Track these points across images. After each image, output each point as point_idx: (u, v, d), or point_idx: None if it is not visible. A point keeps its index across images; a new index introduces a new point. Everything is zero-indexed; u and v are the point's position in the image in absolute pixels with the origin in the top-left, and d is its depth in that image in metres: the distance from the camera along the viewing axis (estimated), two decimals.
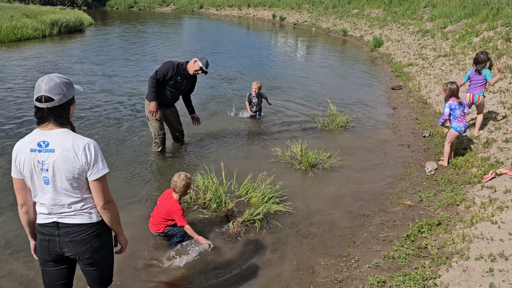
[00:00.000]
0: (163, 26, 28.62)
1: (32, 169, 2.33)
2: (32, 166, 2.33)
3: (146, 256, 4.06)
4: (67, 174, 2.32)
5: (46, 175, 2.33)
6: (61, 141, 2.32)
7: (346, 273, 3.84)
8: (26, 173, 2.36)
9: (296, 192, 5.41)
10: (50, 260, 2.50)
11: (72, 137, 2.35)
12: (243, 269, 3.92)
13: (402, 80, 11.44)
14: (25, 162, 2.33)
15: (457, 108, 5.72)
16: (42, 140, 2.32)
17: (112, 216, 2.51)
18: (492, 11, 12.62)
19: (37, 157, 2.31)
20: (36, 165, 2.32)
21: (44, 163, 2.31)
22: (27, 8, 26.64)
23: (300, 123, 8.10)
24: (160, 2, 46.89)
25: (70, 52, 15.81)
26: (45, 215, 2.43)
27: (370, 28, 21.33)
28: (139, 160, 6.21)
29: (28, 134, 2.40)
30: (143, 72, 12.34)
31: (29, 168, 2.33)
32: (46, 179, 2.34)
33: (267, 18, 34.58)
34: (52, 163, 2.30)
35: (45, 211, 2.42)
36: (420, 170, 6.00)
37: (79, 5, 44.56)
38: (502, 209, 4.29)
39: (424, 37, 15.06)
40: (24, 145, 2.35)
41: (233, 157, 6.47)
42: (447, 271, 3.56)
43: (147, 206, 4.91)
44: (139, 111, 8.44)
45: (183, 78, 6.12)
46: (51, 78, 2.32)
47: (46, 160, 2.30)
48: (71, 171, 2.32)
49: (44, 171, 2.32)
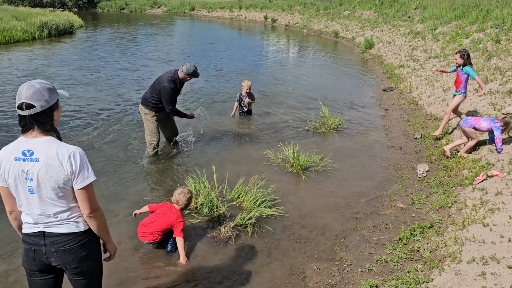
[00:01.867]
0: (155, 28, 28.49)
1: (16, 178, 2.28)
2: (17, 175, 2.27)
3: (137, 263, 4.00)
4: (52, 183, 2.27)
5: (31, 185, 2.27)
6: (45, 149, 2.26)
7: (339, 277, 3.82)
8: (11, 182, 2.30)
9: (288, 196, 5.39)
10: (37, 270, 2.44)
11: (57, 145, 2.29)
12: (235, 274, 3.88)
13: (393, 82, 11.48)
14: (10, 171, 2.27)
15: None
16: (27, 148, 2.26)
17: (99, 224, 2.46)
18: (482, 13, 12.72)
19: (22, 166, 2.26)
20: (20, 174, 2.27)
21: (29, 172, 2.25)
22: (16, 10, 26.40)
23: (292, 126, 8.08)
24: (151, 4, 46.76)
25: (59, 56, 15.66)
26: (31, 224, 2.37)
27: (361, 29, 21.41)
28: (130, 164, 6.15)
29: (13, 142, 2.34)
30: (133, 76, 12.26)
31: (13, 177, 2.28)
32: (30, 189, 2.28)
33: (258, 20, 34.61)
34: (37, 173, 2.24)
35: (31, 221, 2.36)
36: (412, 172, 6.01)
37: (69, 7, 44.25)
38: (494, 211, 4.29)
39: (415, 38, 15.15)
40: (8, 153, 2.29)
41: (225, 161, 6.43)
42: (440, 274, 3.55)
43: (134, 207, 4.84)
44: (129, 115, 8.37)
45: (181, 84, 6.34)
46: (32, 85, 2.26)
47: (30, 169, 2.25)
48: (56, 180, 2.26)
49: (29, 181, 2.27)
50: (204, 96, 10.05)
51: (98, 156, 6.36)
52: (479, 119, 5.85)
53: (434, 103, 8.75)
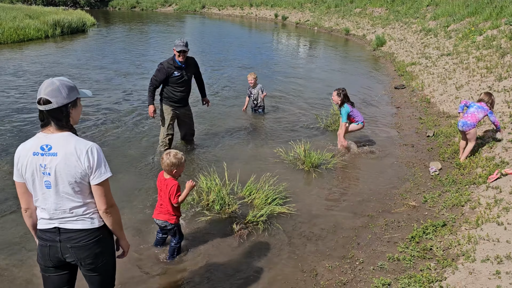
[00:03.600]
0: (166, 26, 28.61)
1: (34, 172, 2.31)
2: (34, 169, 2.30)
3: (148, 259, 4.03)
4: (69, 178, 2.30)
5: (48, 179, 2.31)
6: (63, 144, 2.30)
7: (351, 275, 3.81)
8: (28, 177, 2.33)
9: (299, 193, 5.38)
10: (52, 266, 2.48)
11: (75, 140, 2.33)
12: (246, 271, 3.89)
13: (405, 79, 11.38)
14: (27, 166, 2.31)
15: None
16: (45, 143, 2.30)
17: (114, 220, 2.49)
18: (496, 10, 12.54)
19: (40, 161, 2.29)
20: (38, 169, 2.30)
21: (47, 166, 2.29)
22: (29, 9, 26.72)
23: (303, 123, 8.06)
24: (162, 2, 46.87)
25: (72, 53, 15.82)
26: (46, 220, 2.40)
27: (372, 27, 21.25)
28: (143, 161, 6.20)
29: (31, 138, 2.38)
30: (146, 73, 12.33)
31: (30, 171, 2.31)
32: (48, 183, 2.32)
33: (269, 18, 34.53)
34: (55, 167, 2.28)
35: (46, 216, 2.39)
36: (424, 170, 5.96)
37: (81, 6, 44.62)
38: (508, 210, 4.24)
39: (427, 36, 14.99)
40: (27, 149, 2.33)
41: (236, 158, 6.44)
42: (453, 273, 3.52)
43: (150, 209, 4.88)
44: (141, 113, 8.42)
45: (180, 70, 6.12)
46: (52, 81, 2.31)
47: (48, 164, 2.28)
48: (73, 175, 2.29)
49: (46, 175, 2.30)
50: (217, 93, 10.08)
51: (112, 153, 6.41)
52: (473, 114, 5.77)
53: (446, 100, 8.66)
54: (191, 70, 6.30)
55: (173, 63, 6.06)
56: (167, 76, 6.04)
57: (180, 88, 6.20)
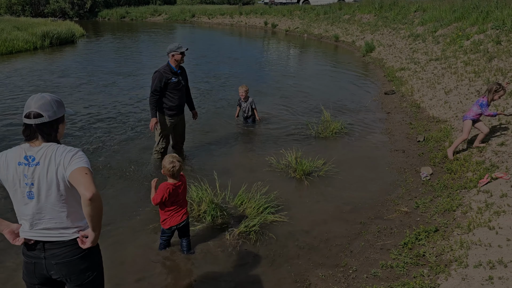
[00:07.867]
0: (156, 36, 28.59)
1: (16, 183, 2.30)
2: (18, 180, 2.29)
3: (138, 266, 3.98)
4: (52, 185, 2.28)
5: (31, 190, 2.29)
6: (46, 153, 2.29)
7: (344, 283, 3.78)
8: (10, 186, 2.32)
9: (292, 201, 5.36)
10: (38, 283, 2.44)
11: (57, 147, 2.32)
12: (239, 282, 3.84)
13: (394, 85, 11.45)
14: (12, 175, 2.29)
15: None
16: (29, 154, 2.30)
17: (97, 211, 2.22)
18: (482, 15, 12.71)
19: (24, 171, 2.28)
20: (21, 179, 2.28)
21: (29, 177, 2.27)
22: (18, 21, 26.51)
23: (294, 131, 8.05)
24: (152, 11, 46.88)
25: (60, 65, 15.71)
26: (27, 232, 2.37)
27: (361, 33, 21.42)
28: (134, 169, 6.14)
29: (16, 146, 2.37)
30: (137, 83, 12.29)
31: (13, 181, 2.30)
32: (30, 194, 2.30)
33: (259, 25, 34.67)
34: (38, 177, 2.27)
35: (27, 227, 2.37)
36: (416, 176, 5.97)
37: (70, 17, 44.43)
38: (499, 214, 4.25)
39: (416, 41, 15.13)
40: (11, 158, 2.31)
41: (227, 167, 6.40)
42: (446, 279, 3.51)
43: (142, 216, 4.82)
44: (134, 121, 8.37)
45: (177, 76, 6.12)
46: (43, 96, 2.35)
47: (31, 174, 2.27)
48: (56, 181, 2.27)
49: (29, 186, 2.29)
50: (208, 102, 10.06)
51: (102, 161, 6.34)
52: (471, 108, 6.09)
53: (436, 105, 8.72)
54: (185, 77, 6.33)
55: (169, 69, 6.05)
56: (165, 83, 6.00)
57: (178, 94, 6.17)
